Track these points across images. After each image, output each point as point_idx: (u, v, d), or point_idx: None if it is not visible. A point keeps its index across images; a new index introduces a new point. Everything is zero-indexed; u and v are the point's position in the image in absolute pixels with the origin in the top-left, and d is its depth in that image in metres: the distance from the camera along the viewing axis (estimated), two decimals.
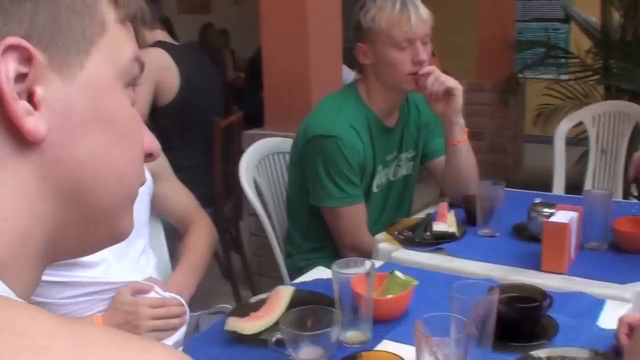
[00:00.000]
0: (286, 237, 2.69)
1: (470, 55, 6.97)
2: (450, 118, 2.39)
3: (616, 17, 5.48)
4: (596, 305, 1.68)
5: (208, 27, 8.18)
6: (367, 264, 1.53)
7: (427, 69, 2.32)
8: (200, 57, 3.82)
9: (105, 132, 0.64)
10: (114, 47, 0.65)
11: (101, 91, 0.64)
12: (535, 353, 1.40)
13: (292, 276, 2.40)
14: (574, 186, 4.05)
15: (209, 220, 2.22)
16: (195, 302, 1.99)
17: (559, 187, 3.75)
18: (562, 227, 1.85)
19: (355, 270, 1.52)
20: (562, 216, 1.90)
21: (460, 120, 2.40)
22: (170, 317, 1.77)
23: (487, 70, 6.69)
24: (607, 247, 2.06)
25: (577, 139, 4.68)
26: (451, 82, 2.33)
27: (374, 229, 2.41)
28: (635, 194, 1.97)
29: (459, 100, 2.36)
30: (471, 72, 6.90)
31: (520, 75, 6.42)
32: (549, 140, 3.88)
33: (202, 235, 2.13)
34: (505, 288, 1.55)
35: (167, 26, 7.50)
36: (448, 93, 2.33)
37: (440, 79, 2.31)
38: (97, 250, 0.70)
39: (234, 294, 3.91)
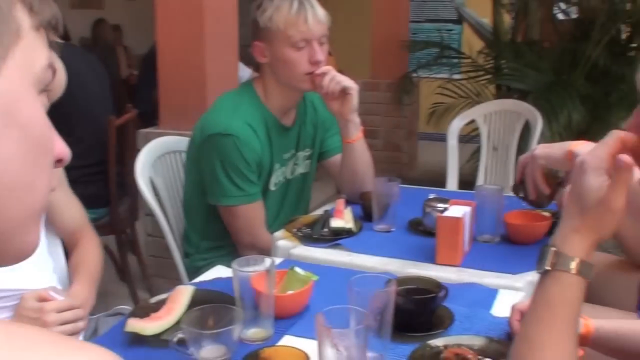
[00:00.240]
0: (184, 237, 2.66)
1: (365, 55, 7.07)
2: (346, 117, 2.41)
3: (507, 19, 5.67)
4: (489, 294, 1.74)
5: (100, 23, 7.98)
6: (267, 261, 1.53)
7: (323, 68, 2.34)
8: (88, 56, 3.75)
9: (19, 139, 0.62)
10: (29, 54, 0.64)
11: (16, 98, 0.62)
12: (432, 342, 1.44)
13: (191, 276, 2.38)
14: (468, 182, 4.16)
15: (97, 235, 2.14)
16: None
17: (452, 183, 3.85)
18: (455, 221, 1.90)
19: (255, 268, 1.52)
20: (455, 211, 1.96)
21: (355, 119, 2.44)
22: (77, 320, 1.72)
23: (381, 69, 6.80)
24: (500, 239, 2.13)
25: (470, 137, 4.81)
26: (347, 81, 2.36)
27: (272, 227, 2.42)
28: (521, 195, 2.04)
29: (354, 99, 2.39)
30: (366, 71, 7.01)
31: (414, 75, 6.55)
32: (442, 138, 3.98)
33: (93, 249, 2.06)
34: (402, 280, 1.58)
35: None
36: (344, 92, 2.36)
37: (336, 79, 2.33)
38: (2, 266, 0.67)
39: (131, 296, 3.83)
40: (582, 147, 1.78)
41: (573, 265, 1.05)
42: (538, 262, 1.08)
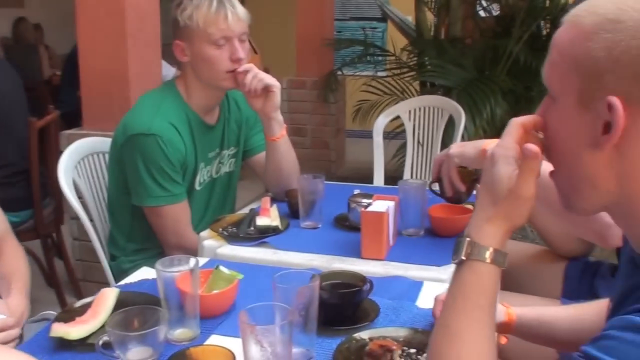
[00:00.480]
0: (109, 240, 2.62)
1: (291, 53, 7.08)
2: (268, 115, 2.42)
3: (430, 16, 5.75)
4: (414, 287, 1.77)
5: (21, 22, 7.77)
6: (191, 261, 1.52)
7: (245, 66, 2.34)
8: None
9: None
10: None
11: None
12: (358, 335, 1.46)
13: (118, 279, 2.34)
14: (394, 177, 4.21)
15: (19, 243, 2.10)
16: None
17: (379, 179, 3.89)
18: (379, 215, 1.93)
19: (180, 268, 1.51)
20: (379, 205, 1.98)
21: (278, 117, 2.44)
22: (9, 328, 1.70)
23: (307, 67, 6.81)
24: (424, 232, 2.17)
25: (395, 133, 4.86)
26: (269, 79, 2.36)
27: (198, 227, 2.41)
28: (439, 192, 2.08)
29: (277, 97, 2.40)
30: (292, 69, 7.02)
31: (339, 73, 6.59)
32: (369, 135, 4.01)
33: (20, 258, 2.02)
34: (327, 275, 1.60)
35: None
36: (266, 90, 2.36)
37: (258, 76, 2.34)
38: None
39: (59, 301, 3.77)
40: (494, 144, 1.83)
41: (487, 254, 1.08)
42: (454, 253, 1.11)
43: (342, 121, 7.18)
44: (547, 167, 1.11)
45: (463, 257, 1.09)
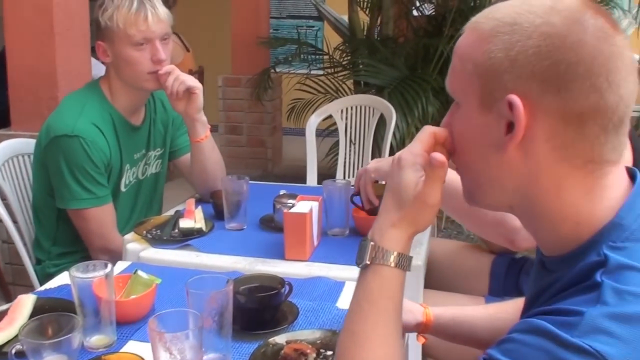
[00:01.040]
0: (34, 243, 2.58)
1: (226, 51, 7.04)
2: (192, 116, 2.40)
3: (363, 16, 5.78)
4: (335, 287, 1.78)
5: None
6: (107, 266, 1.51)
7: (166, 68, 2.32)
8: None
9: None
10: None
11: None
12: (275, 339, 1.46)
13: (43, 283, 2.30)
14: (328, 175, 4.22)
15: None
16: None
17: (312, 177, 3.90)
18: (301, 216, 1.93)
19: (95, 274, 1.49)
20: (302, 206, 1.99)
21: (202, 118, 2.43)
22: None
23: (242, 65, 6.77)
24: (349, 232, 2.18)
25: (330, 130, 4.87)
26: (191, 81, 2.34)
27: (125, 229, 2.38)
28: (358, 205, 2.11)
29: (199, 98, 2.38)
30: (227, 67, 6.98)
31: (275, 71, 6.58)
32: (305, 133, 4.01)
33: None
34: (246, 279, 1.60)
35: None
36: (189, 92, 2.35)
37: (179, 78, 2.32)
38: None
39: None
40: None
41: (392, 258, 1.09)
42: (357, 257, 1.12)
43: (278, 119, 7.17)
44: (453, 175, 1.12)
45: (367, 262, 1.10)
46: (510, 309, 1.50)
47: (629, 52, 0.98)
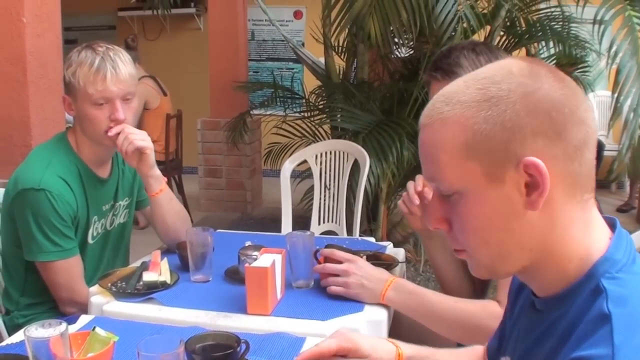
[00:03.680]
0: (3, 294, 2.56)
1: (205, 94, 7.09)
2: (145, 173, 2.41)
3: (340, 61, 5.83)
4: (296, 343, 1.77)
5: None
6: (62, 325, 1.51)
7: (116, 128, 2.31)
8: None
9: None
10: None
11: None
12: None
13: (12, 333, 2.29)
14: (305, 218, 4.23)
15: None
16: None
17: (287, 222, 3.89)
18: (263, 271, 1.93)
19: (51, 332, 1.50)
20: (264, 260, 1.99)
21: (155, 173, 2.43)
22: None
23: (221, 108, 6.84)
24: (314, 284, 2.18)
25: (307, 174, 4.88)
26: (140, 141, 2.33)
27: (93, 281, 2.38)
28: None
29: (150, 157, 2.38)
30: (206, 110, 7.02)
31: (253, 113, 6.62)
32: None
33: None
34: (201, 337, 1.60)
35: None
36: (139, 151, 2.35)
37: (129, 138, 2.31)
38: None
39: None
40: None
41: None
42: None
43: (258, 161, 7.21)
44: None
45: None
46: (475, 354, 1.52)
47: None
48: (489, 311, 1.84)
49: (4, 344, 1.87)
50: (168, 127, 6.58)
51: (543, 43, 5.39)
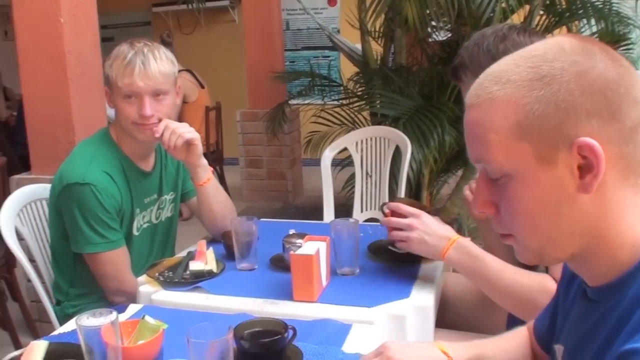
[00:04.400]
0: (53, 285, 2.62)
1: (242, 86, 7.11)
2: (193, 164, 2.43)
3: (376, 45, 5.79)
4: (342, 330, 1.77)
5: None
6: (113, 313, 1.53)
7: (161, 125, 2.33)
8: None
9: None
10: None
11: None
12: None
13: (63, 323, 2.33)
14: (347, 206, 4.22)
15: None
16: None
17: (329, 211, 3.89)
18: (307, 258, 1.94)
19: (102, 321, 1.52)
20: (309, 247, 1.99)
21: (202, 162, 2.45)
22: None
23: (259, 99, 6.86)
24: (360, 272, 2.18)
25: (348, 161, 4.86)
26: (188, 134, 2.35)
27: (141, 272, 2.41)
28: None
29: (198, 148, 2.40)
30: (244, 101, 7.04)
31: (292, 103, 6.62)
32: None
33: None
34: (249, 324, 1.60)
35: None
36: (188, 143, 2.37)
37: (176, 132, 2.33)
38: None
39: (13, 342, 3.79)
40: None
41: None
42: None
43: (297, 151, 7.22)
44: None
45: None
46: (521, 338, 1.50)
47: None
48: (543, 287, 1.81)
49: (55, 333, 1.91)
50: (208, 120, 6.63)
51: (584, 21, 5.29)
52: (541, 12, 5.19)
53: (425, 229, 2.02)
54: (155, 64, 2.31)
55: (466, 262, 1.95)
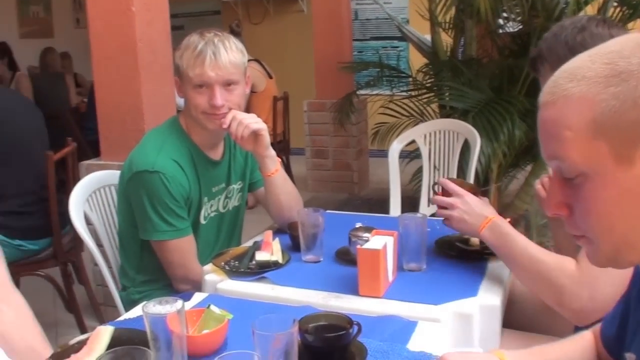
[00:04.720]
0: (120, 270, 2.66)
1: (311, 76, 7.10)
2: (261, 154, 2.43)
3: (446, 37, 5.71)
4: (408, 327, 1.73)
5: (48, 51, 7.90)
6: (179, 302, 1.53)
7: (228, 116, 2.34)
8: (14, 96, 3.94)
9: None
10: None
11: None
12: None
13: (128, 309, 2.36)
14: (414, 199, 4.18)
15: (18, 292, 1.97)
16: None
17: (395, 204, 3.86)
18: (375, 253, 1.91)
19: (168, 309, 1.52)
20: (376, 242, 1.96)
21: (270, 153, 2.45)
22: None
23: (326, 90, 6.84)
24: (426, 267, 2.14)
25: (416, 154, 4.81)
26: (255, 124, 2.35)
27: (208, 261, 2.42)
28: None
29: (266, 138, 2.40)
30: (312, 92, 7.04)
31: (359, 94, 6.59)
32: None
33: (28, 316, 1.84)
34: (314, 318, 1.59)
35: (5, 53, 7.26)
36: (255, 133, 2.37)
37: (243, 123, 2.33)
38: None
39: (78, 325, 3.86)
40: None
41: None
42: None
43: (364, 142, 7.18)
44: None
45: None
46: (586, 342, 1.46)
47: None
48: (563, 268, 1.83)
49: (121, 318, 1.93)
50: (275, 109, 6.65)
51: None
52: (615, 4, 5.03)
53: (467, 208, 2.09)
54: (226, 54, 2.31)
55: (497, 241, 2.02)
